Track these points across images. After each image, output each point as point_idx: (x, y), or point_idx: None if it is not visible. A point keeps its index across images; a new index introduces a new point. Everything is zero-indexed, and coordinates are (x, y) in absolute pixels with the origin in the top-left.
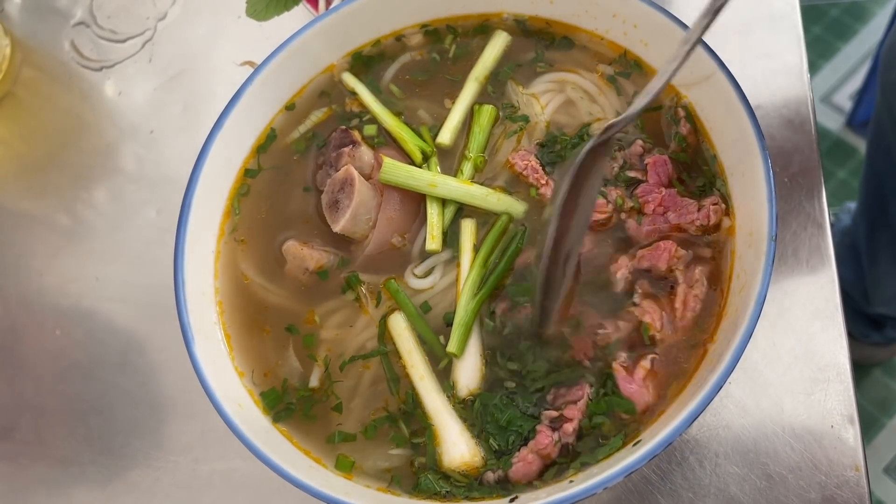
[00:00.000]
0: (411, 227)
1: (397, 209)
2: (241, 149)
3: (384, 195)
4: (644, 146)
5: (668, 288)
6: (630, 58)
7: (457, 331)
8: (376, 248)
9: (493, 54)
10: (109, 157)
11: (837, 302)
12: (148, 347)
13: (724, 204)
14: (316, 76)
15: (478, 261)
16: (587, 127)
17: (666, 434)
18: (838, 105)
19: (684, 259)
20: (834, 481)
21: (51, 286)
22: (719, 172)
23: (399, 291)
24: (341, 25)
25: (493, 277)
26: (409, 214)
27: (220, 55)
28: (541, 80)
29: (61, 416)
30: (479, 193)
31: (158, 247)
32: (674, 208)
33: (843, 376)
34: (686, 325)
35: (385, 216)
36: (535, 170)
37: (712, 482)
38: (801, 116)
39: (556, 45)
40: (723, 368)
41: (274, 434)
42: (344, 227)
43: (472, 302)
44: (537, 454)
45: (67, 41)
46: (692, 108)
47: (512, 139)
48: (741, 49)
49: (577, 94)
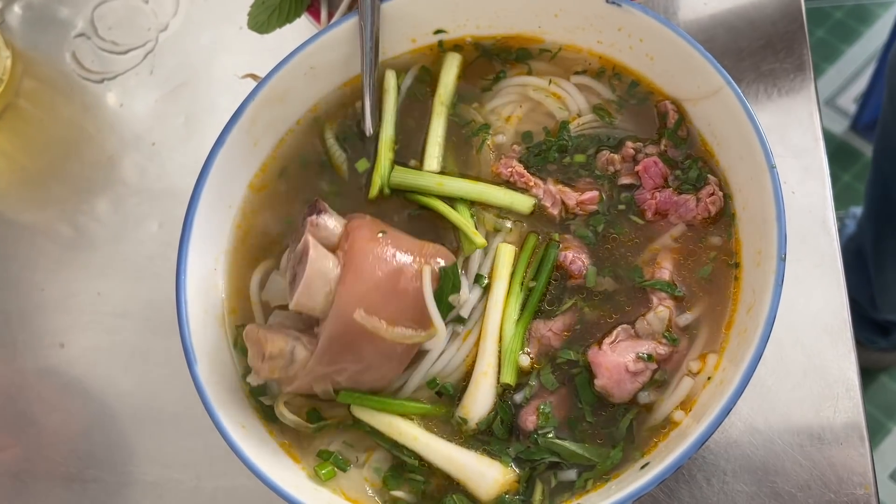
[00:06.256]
0: (388, 310)
1: (368, 284)
2: (246, 165)
3: (352, 264)
4: (634, 146)
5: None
6: (605, 64)
7: (507, 359)
8: (335, 326)
9: (450, 76)
10: (111, 168)
11: (846, 316)
12: (151, 363)
13: (721, 190)
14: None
15: (514, 286)
16: (566, 125)
17: (675, 457)
18: (843, 108)
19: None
20: (843, 499)
21: (52, 300)
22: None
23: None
24: (346, 41)
25: (532, 300)
26: (387, 293)
27: (221, 67)
28: (499, 94)
29: (63, 432)
30: (487, 190)
31: (160, 260)
32: (673, 209)
33: (853, 392)
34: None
35: (347, 289)
36: (521, 174)
37: (720, 500)
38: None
39: (515, 58)
40: (732, 391)
41: (280, 456)
42: (298, 301)
43: (516, 327)
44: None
45: (69, 52)
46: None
47: (485, 151)
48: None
49: (540, 95)
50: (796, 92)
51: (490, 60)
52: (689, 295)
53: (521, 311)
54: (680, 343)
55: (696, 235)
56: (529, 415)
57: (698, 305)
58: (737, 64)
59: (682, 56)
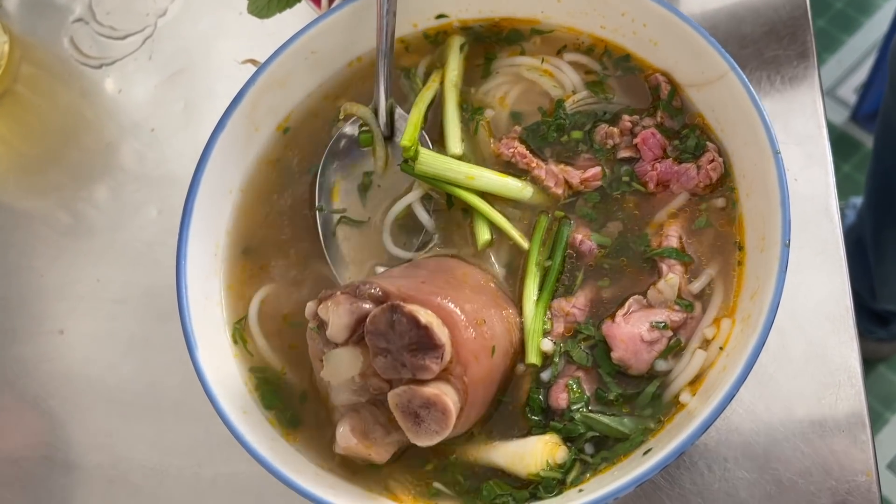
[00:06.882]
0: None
1: (481, 402)
2: (247, 150)
3: (470, 397)
4: (631, 119)
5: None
6: (594, 41)
7: (531, 340)
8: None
9: (457, 58)
10: (110, 155)
11: (848, 304)
12: (150, 349)
13: (721, 156)
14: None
15: (530, 267)
16: (562, 103)
17: (678, 443)
18: (843, 98)
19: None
20: (845, 486)
21: (51, 286)
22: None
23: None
24: (347, 25)
25: (550, 279)
26: (489, 405)
27: (221, 52)
28: (492, 76)
29: (62, 418)
30: (516, 186)
31: (160, 247)
32: (674, 178)
33: (854, 380)
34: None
35: (465, 418)
36: (523, 154)
37: (721, 487)
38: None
39: (506, 39)
40: (737, 374)
41: (282, 442)
42: (423, 444)
43: (536, 307)
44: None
45: (67, 38)
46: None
47: (481, 133)
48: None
49: (534, 74)
50: (799, 79)
51: (481, 43)
52: (699, 260)
53: (539, 292)
54: (694, 308)
55: (699, 202)
56: (560, 392)
57: (709, 269)
58: (740, 51)
59: (686, 41)
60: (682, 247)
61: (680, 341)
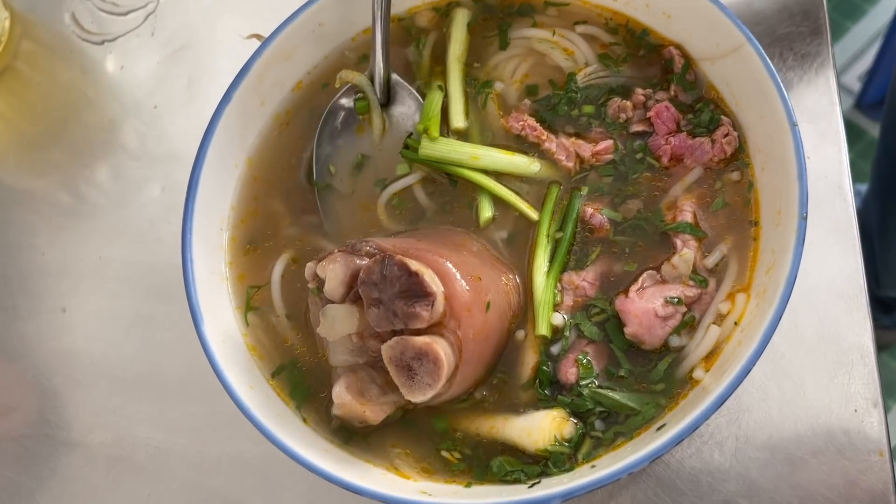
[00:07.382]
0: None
1: (477, 361)
2: (252, 124)
3: (466, 355)
4: (644, 93)
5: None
6: (607, 13)
7: (542, 311)
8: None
9: (461, 31)
10: (112, 132)
11: (861, 283)
12: (154, 327)
13: (735, 130)
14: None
15: (540, 238)
16: (573, 76)
17: (692, 418)
18: (847, 86)
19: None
20: (857, 466)
21: (53, 264)
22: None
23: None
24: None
25: (561, 251)
26: (487, 366)
27: (225, 28)
28: (503, 49)
29: (65, 397)
30: (522, 162)
31: (163, 225)
32: (688, 152)
33: (867, 359)
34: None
35: (462, 376)
36: (534, 127)
37: (732, 467)
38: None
39: (518, 12)
40: (752, 351)
41: (289, 416)
42: (416, 398)
43: (547, 279)
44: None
45: (68, 14)
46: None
47: (490, 107)
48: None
49: (545, 47)
50: (812, 56)
51: (493, 16)
52: (713, 235)
53: (549, 264)
54: (708, 284)
55: (714, 176)
56: (569, 367)
57: (723, 244)
58: (753, 27)
59: (700, 13)
60: (696, 221)
61: (694, 317)
